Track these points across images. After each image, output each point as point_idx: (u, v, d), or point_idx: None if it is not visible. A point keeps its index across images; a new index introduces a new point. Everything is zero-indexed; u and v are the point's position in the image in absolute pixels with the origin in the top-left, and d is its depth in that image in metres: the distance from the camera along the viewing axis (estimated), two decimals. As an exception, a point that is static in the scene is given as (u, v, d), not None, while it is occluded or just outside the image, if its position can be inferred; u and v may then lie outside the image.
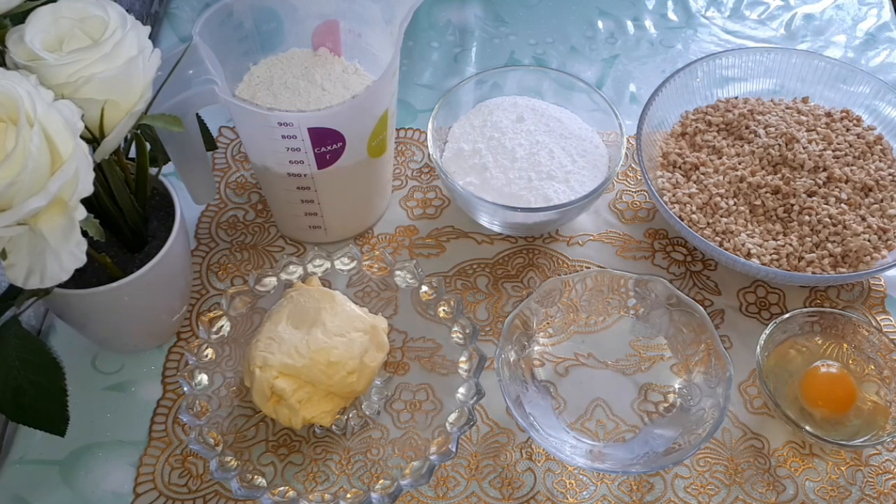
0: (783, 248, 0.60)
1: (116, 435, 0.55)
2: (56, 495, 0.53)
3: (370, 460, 0.54)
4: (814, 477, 0.55)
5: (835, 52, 0.80)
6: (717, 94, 0.70)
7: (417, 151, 0.71)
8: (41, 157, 0.37)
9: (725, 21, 0.83)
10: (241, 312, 0.56)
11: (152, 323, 0.57)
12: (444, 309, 0.57)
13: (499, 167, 0.62)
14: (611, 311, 0.60)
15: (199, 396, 0.52)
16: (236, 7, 0.56)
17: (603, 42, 0.81)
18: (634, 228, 0.67)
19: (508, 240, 0.65)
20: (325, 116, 0.52)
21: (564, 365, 0.58)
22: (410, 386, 0.57)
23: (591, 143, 0.64)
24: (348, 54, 0.61)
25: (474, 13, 0.83)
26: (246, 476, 0.50)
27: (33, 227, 0.38)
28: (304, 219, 0.61)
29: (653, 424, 0.56)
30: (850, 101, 0.69)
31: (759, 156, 0.64)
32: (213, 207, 0.66)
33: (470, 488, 0.54)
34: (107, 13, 0.42)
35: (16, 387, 0.47)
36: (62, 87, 0.40)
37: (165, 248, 0.51)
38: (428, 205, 0.67)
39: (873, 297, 0.63)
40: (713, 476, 0.55)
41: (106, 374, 0.58)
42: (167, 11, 0.81)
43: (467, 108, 0.67)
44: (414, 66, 0.78)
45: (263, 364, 0.50)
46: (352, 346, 0.51)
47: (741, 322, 0.62)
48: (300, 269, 0.58)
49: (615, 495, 0.54)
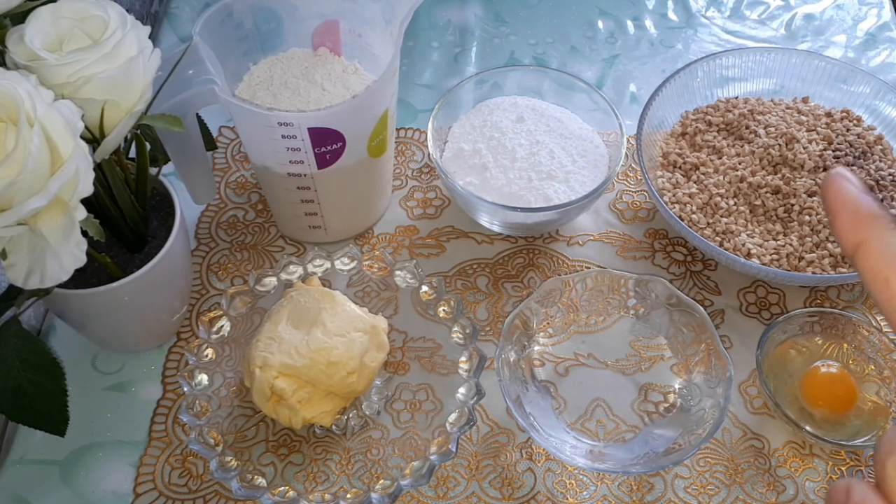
0: (783, 248, 0.60)
1: (116, 435, 0.55)
2: (56, 495, 0.53)
3: (370, 460, 0.54)
4: (814, 477, 0.55)
5: (835, 52, 0.80)
6: (718, 94, 0.70)
7: (417, 151, 0.71)
8: (41, 157, 0.37)
9: (725, 21, 0.83)
10: (241, 312, 0.56)
11: (152, 323, 0.57)
12: (444, 309, 0.57)
13: (499, 167, 0.62)
14: (611, 311, 0.60)
15: (199, 396, 0.52)
16: (236, 7, 0.56)
17: (603, 42, 0.81)
18: (634, 228, 0.67)
19: (508, 240, 0.65)
20: (325, 116, 0.52)
21: (564, 365, 0.58)
22: (410, 386, 0.57)
23: (592, 143, 0.64)
24: (348, 54, 0.61)
25: (474, 13, 0.83)
26: (246, 476, 0.50)
27: (33, 227, 0.38)
28: (304, 219, 0.61)
29: (653, 424, 0.56)
30: (851, 101, 0.69)
31: (760, 156, 0.64)
32: (213, 207, 0.66)
33: (470, 488, 0.54)
34: (107, 13, 0.42)
35: (16, 387, 0.47)
36: (62, 87, 0.40)
37: (165, 248, 0.51)
38: (428, 205, 0.67)
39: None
40: (713, 476, 0.55)
41: (106, 374, 0.58)
42: (167, 11, 0.81)
43: (467, 108, 0.67)
44: (414, 66, 0.78)
45: (263, 364, 0.50)
46: (352, 346, 0.51)
47: (741, 322, 0.62)
48: (300, 269, 0.58)
49: (615, 495, 0.54)
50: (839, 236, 0.23)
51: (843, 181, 0.23)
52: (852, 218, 0.23)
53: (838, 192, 0.23)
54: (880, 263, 0.21)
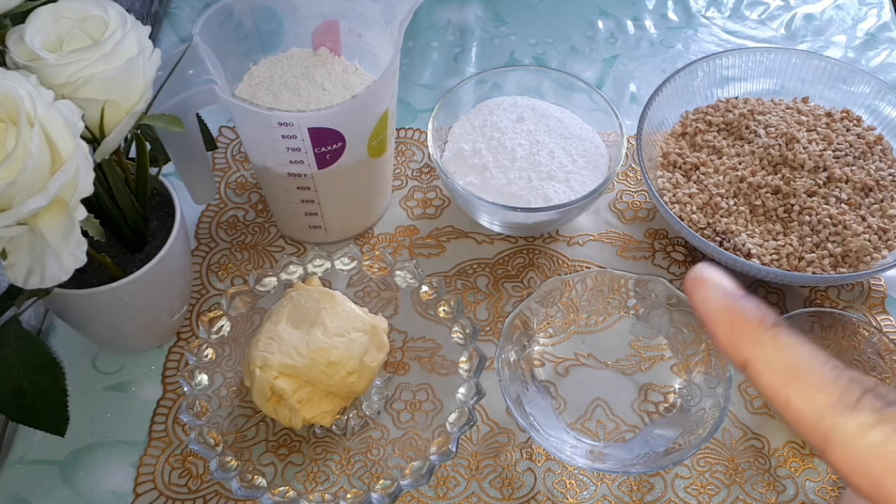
0: (783, 248, 0.60)
1: (116, 435, 0.55)
2: (56, 495, 0.53)
3: (370, 460, 0.54)
4: (814, 477, 0.55)
5: (835, 52, 0.80)
6: (718, 94, 0.70)
7: (417, 151, 0.71)
8: (41, 157, 0.37)
9: (725, 21, 0.83)
10: (241, 312, 0.56)
11: (152, 323, 0.57)
12: (444, 309, 0.57)
13: (499, 167, 0.62)
14: (611, 311, 0.60)
15: (199, 396, 0.52)
16: (236, 7, 0.56)
17: (603, 42, 0.81)
18: (634, 228, 0.67)
19: (508, 240, 0.65)
20: (325, 116, 0.52)
21: (564, 365, 0.58)
22: (410, 386, 0.57)
23: (592, 143, 0.64)
24: (348, 54, 0.61)
25: (474, 13, 0.83)
26: (246, 476, 0.50)
27: (33, 227, 0.38)
28: (304, 219, 0.61)
29: (653, 424, 0.56)
30: (851, 101, 0.68)
31: (760, 156, 0.64)
32: (213, 207, 0.66)
33: (470, 488, 0.54)
34: (107, 13, 0.42)
35: (16, 387, 0.47)
36: (62, 87, 0.40)
37: (165, 248, 0.51)
38: (428, 205, 0.67)
39: (873, 298, 0.63)
40: (713, 476, 0.55)
41: (106, 374, 0.58)
42: (167, 11, 0.81)
43: (467, 108, 0.67)
44: (414, 66, 0.78)
45: (263, 364, 0.50)
46: (352, 346, 0.51)
47: (741, 322, 0.62)
48: (300, 269, 0.58)
49: (615, 495, 0.54)
50: (722, 351, 0.20)
51: (706, 289, 0.21)
52: (729, 334, 0.20)
53: (705, 303, 0.21)
54: (775, 384, 0.19)
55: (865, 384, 0.18)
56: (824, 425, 0.18)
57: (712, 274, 0.21)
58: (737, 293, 0.21)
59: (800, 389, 0.19)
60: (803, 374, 0.19)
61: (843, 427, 0.18)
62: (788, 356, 0.19)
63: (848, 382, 0.18)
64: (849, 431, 0.18)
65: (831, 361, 0.19)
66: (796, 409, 0.19)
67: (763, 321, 0.20)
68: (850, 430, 0.18)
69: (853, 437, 0.18)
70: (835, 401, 0.18)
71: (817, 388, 0.19)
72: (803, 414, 0.19)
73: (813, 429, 0.19)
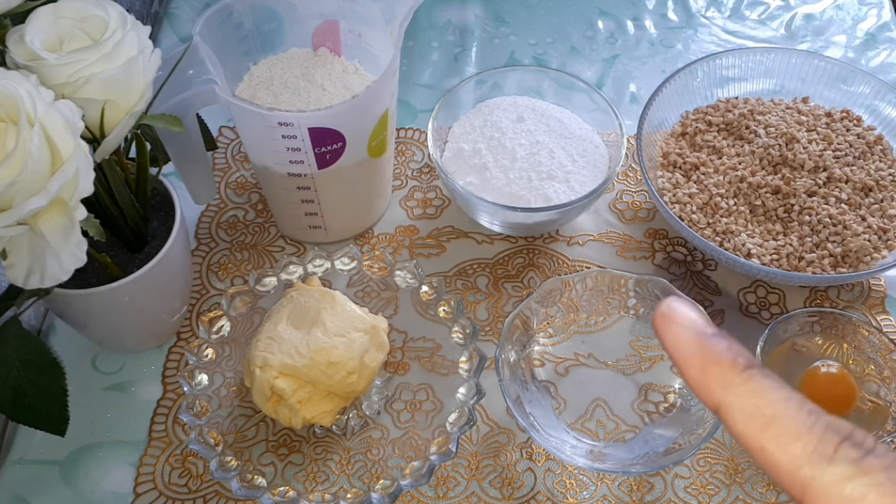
0: (783, 248, 0.60)
1: (116, 435, 0.55)
2: (56, 495, 0.53)
3: (370, 460, 0.54)
4: (814, 477, 0.55)
5: (835, 52, 0.80)
6: (717, 94, 0.70)
7: (417, 151, 0.71)
8: (41, 157, 0.37)
9: (725, 21, 0.83)
10: (241, 312, 0.56)
11: (152, 323, 0.57)
12: (444, 309, 0.57)
13: (499, 167, 0.62)
14: (611, 311, 0.60)
15: (199, 396, 0.52)
16: (236, 7, 0.56)
17: (603, 42, 0.81)
18: (634, 228, 0.67)
19: (508, 240, 0.65)
20: (325, 116, 0.52)
21: (564, 365, 0.58)
22: (410, 386, 0.57)
23: (592, 143, 0.64)
24: (348, 54, 0.61)
25: (474, 13, 0.83)
26: (246, 476, 0.50)
27: (33, 227, 0.38)
28: (305, 219, 0.61)
29: (653, 424, 0.56)
30: (850, 101, 0.69)
31: (760, 156, 0.64)
32: (213, 207, 0.66)
33: (470, 488, 0.54)
34: (107, 13, 0.42)
35: (16, 387, 0.47)
36: (62, 87, 0.40)
37: (166, 248, 0.51)
38: (428, 205, 0.67)
39: (873, 297, 0.63)
40: (713, 476, 0.55)
41: (106, 374, 0.58)
42: (167, 11, 0.81)
43: (467, 108, 0.67)
44: (414, 66, 0.78)
45: (263, 364, 0.50)
46: (352, 346, 0.51)
47: (741, 322, 0.62)
48: (300, 269, 0.58)
49: (615, 495, 0.54)
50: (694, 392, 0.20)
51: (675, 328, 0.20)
52: (700, 376, 0.19)
53: (675, 342, 0.20)
54: (749, 431, 0.19)
55: (842, 431, 0.18)
56: (802, 476, 0.18)
57: (682, 310, 0.20)
58: (707, 331, 0.20)
59: (775, 438, 0.18)
60: (778, 422, 0.18)
61: (820, 479, 0.17)
62: (762, 402, 0.19)
63: (824, 430, 0.18)
64: (826, 483, 0.17)
65: (807, 406, 0.18)
66: (772, 457, 0.18)
67: (735, 363, 0.19)
68: (827, 482, 0.17)
69: (831, 490, 0.17)
70: (811, 450, 0.18)
71: (793, 437, 0.18)
72: (779, 463, 0.18)
73: (790, 479, 0.18)
